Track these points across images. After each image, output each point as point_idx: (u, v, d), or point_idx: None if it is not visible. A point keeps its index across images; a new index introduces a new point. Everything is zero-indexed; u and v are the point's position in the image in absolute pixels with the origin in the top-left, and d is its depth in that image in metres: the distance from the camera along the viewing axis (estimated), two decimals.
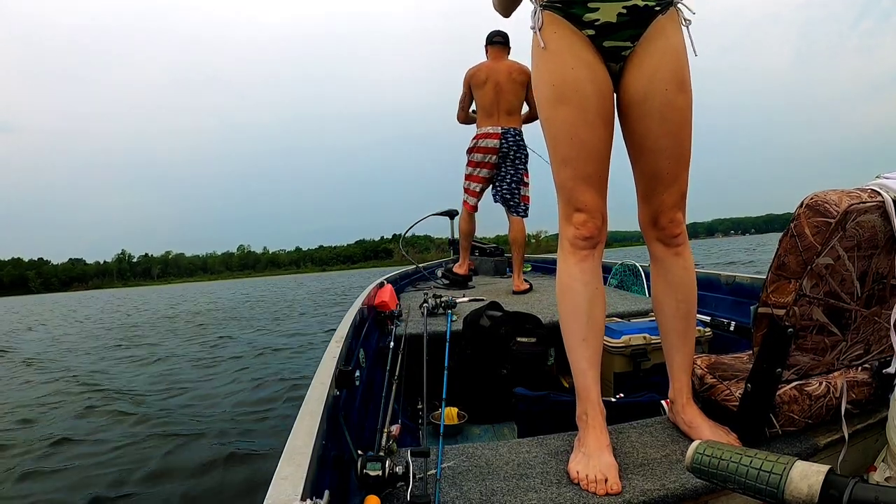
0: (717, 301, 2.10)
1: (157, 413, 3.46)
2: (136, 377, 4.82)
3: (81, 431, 3.15)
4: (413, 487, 0.77)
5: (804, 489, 0.53)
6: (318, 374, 1.01)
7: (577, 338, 0.96)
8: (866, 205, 0.80)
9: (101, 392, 4.20)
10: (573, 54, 0.92)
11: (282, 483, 0.60)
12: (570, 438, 1.00)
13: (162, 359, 5.78)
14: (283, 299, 16.72)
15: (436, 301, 2.14)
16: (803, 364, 0.90)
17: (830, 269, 0.82)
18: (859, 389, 1.01)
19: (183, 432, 2.96)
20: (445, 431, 1.19)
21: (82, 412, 3.60)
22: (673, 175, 0.95)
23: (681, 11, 0.94)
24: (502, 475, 0.88)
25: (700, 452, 0.64)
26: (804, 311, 0.84)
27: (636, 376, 1.61)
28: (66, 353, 7.09)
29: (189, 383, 4.41)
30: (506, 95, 2.99)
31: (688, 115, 0.93)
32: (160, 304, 21.44)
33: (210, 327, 9.26)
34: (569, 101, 0.92)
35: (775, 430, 0.95)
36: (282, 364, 4.95)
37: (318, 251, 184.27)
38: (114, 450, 2.76)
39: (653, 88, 0.91)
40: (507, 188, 3.07)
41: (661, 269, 1.02)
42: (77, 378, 4.89)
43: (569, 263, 0.98)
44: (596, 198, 0.96)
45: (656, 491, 0.80)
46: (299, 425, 0.76)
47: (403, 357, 1.44)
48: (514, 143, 3.02)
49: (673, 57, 0.92)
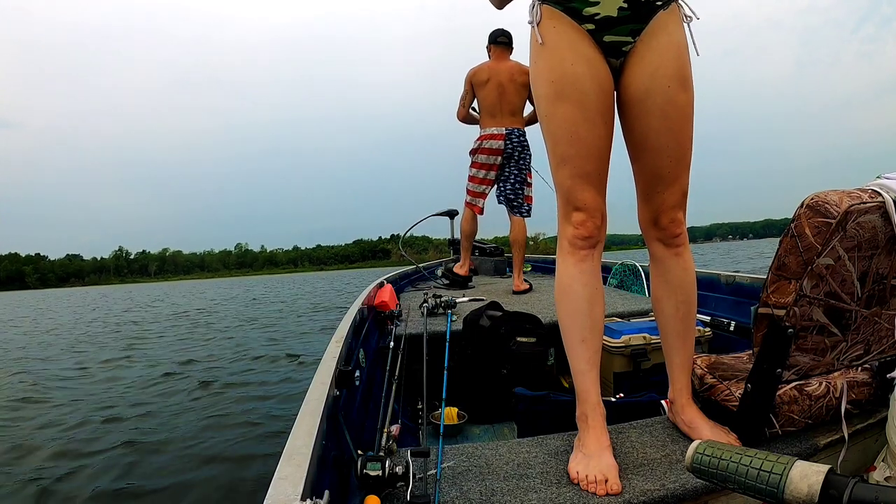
0: (717, 301, 2.10)
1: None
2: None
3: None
4: (413, 487, 0.77)
5: (804, 489, 0.53)
6: (318, 374, 1.00)
7: (577, 338, 0.95)
8: (867, 205, 0.80)
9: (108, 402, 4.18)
10: (573, 49, 0.90)
11: (282, 483, 0.60)
12: (570, 438, 1.00)
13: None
14: (314, 299, 14.33)
15: (436, 301, 2.14)
16: (803, 364, 0.90)
17: (831, 270, 0.82)
18: (859, 389, 1.01)
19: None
20: (445, 431, 1.19)
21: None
22: (674, 174, 0.94)
23: (682, 7, 0.93)
24: (502, 475, 0.88)
25: (700, 452, 0.64)
26: (804, 312, 0.84)
27: (636, 376, 1.61)
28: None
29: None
30: (508, 96, 2.98)
31: (689, 113, 0.92)
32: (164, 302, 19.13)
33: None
34: (568, 98, 0.90)
35: (775, 430, 0.95)
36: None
37: (316, 250, 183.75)
38: (113, 448, 2.77)
39: (655, 85, 0.90)
40: (511, 188, 3.06)
41: (661, 269, 1.02)
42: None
43: (568, 263, 0.97)
44: (595, 197, 0.94)
45: (656, 491, 0.80)
46: (299, 425, 0.76)
47: (403, 357, 1.44)
48: (518, 144, 3.01)
49: (675, 53, 0.90)
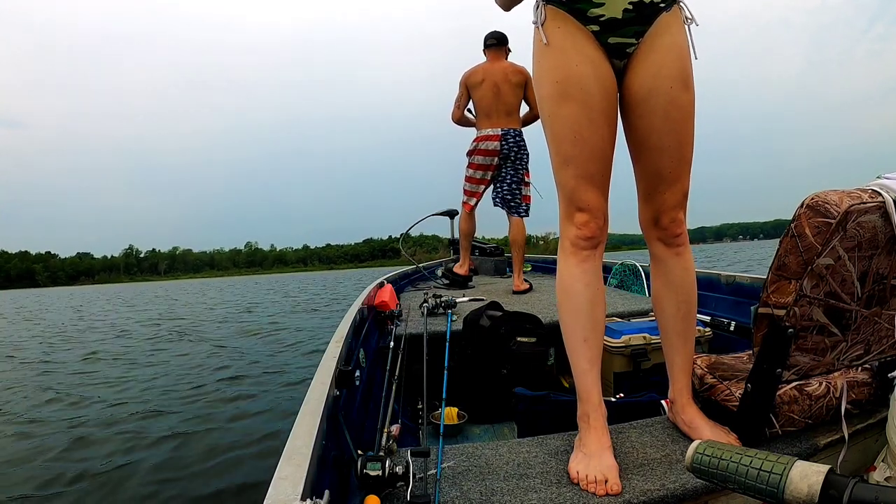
0: (717, 301, 2.10)
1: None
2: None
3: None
4: (413, 487, 0.77)
5: (804, 489, 0.53)
6: (318, 374, 1.00)
7: (579, 338, 0.95)
8: (867, 205, 0.80)
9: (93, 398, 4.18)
10: (577, 50, 0.90)
11: (282, 483, 0.60)
12: (570, 438, 1.00)
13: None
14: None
15: (436, 301, 2.14)
16: (803, 364, 0.90)
17: (831, 270, 0.82)
18: (859, 389, 1.01)
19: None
20: (445, 431, 1.19)
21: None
22: (675, 174, 0.95)
23: (683, 9, 0.93)
24: (502, 475, 0.88)
25: (700, 452, 0.64)
26: (804, 312, 0.84)
27: (636, 376, 1.61)
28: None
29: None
30: (504, 96, 2.99)
31: (691, 114, 0.92)
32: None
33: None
34: (572, 99, 0.91)
35: (775, 430, 0.95)
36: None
37: (326, 249, 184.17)
38: (113, 448, 2.77)
39: (657, 85, 0.90)
40: (508, 189, 3.07)
41: (662, 269, 1.02)
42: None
43: (570, 264, 0.97)
44: (598, 197, 0.95)
45: (656, 491, 0.80)
46: (299, 425, 0.76)
47: (403, 357, 1.44)
48: (514, 145, 3.02)
49: (678, 55, 0.91)
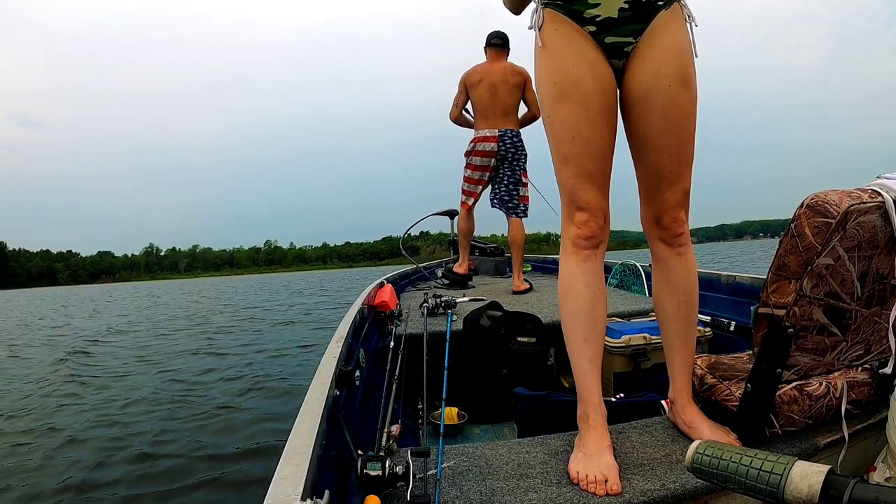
0: (717, 301, 2.10)
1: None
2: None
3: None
4: (413, 487, 0.77)
5: (804, 489, 0.53)
6: (318, 373, 1.00)
7: (579, 338, 0.95)
8: (867, 205, 0.80)
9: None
10: (574, 51, 0.91)
11: (282, 483, 0.60)
12: (570, 438, 1.00)
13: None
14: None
15: (436, 301, 2.14)
16: (803, 364, 0.90)
17: (831, 270, 0.82)
18: (859, 389, 1.01)
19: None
20: (445, 431, 1.19)
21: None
22: (676, 173, 0.94)
23: (685, 7, 0.93)
24: (502, 475, 0.88)
25: (700, 452, 0.64)
26: (804, 312, 0.84)
27: (636, 376, 1.61)
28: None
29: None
30: (501, 97, 2.99)
31: (691, 112, 0.92)
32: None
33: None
34: (570, 99, 0.91)
35: (775, 430, 0.95)
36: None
37: (345, 247, 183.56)
38: (113, 448, 2.77)
39: (656, 84, 0.90)
40: (506, 189, 3.07)
41: (663, 269, 1.02)
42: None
43: (571, 264, 0.97)
44: (598, 196, 0.95)
45: (656, 491, 0.80)
46: (299, 425, 0.76)
47: (403, 357, 1.44)
48: (511, 145, 3.02)
49: (677, 53, 0.90)
